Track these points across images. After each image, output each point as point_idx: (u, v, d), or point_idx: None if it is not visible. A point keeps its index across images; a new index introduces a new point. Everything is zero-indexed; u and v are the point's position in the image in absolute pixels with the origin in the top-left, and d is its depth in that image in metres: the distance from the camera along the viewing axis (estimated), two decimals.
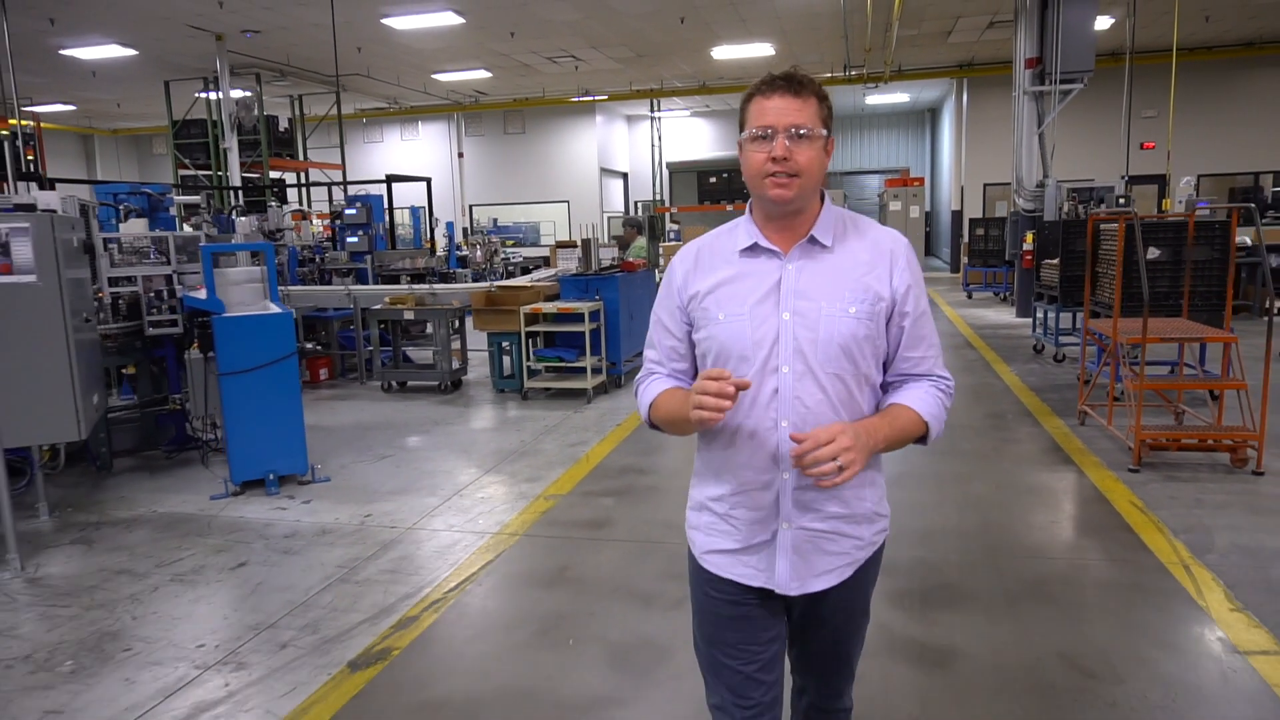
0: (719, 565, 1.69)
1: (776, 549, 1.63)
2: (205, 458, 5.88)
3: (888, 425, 1.60)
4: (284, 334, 5.14)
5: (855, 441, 1.47)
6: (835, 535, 1.64)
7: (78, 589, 3.88)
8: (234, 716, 2.82)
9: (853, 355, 1.58)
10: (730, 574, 1.68)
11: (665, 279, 1.76)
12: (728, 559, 1.68)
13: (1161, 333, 5.29)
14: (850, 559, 1.68)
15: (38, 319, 3.98)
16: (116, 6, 12.73)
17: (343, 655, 3.20)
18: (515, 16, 13.75)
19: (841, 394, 1.59)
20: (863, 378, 1.61)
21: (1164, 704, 2.73)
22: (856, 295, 1.58)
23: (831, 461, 1.44)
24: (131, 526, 4.67)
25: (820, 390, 1.57)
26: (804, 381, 1.56)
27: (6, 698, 2.98)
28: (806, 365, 1.56)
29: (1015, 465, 5.31)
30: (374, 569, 4.01)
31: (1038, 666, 2.97)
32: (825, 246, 1.61)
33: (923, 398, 1.65)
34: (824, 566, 1.65)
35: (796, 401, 1.56)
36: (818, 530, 1.63)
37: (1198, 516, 4.29)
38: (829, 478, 1.45)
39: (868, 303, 1.59)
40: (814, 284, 1.59)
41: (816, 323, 1.56)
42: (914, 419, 1.63)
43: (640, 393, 1.77)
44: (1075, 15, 11.24)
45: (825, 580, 1.66)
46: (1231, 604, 3.36)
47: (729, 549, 1.68)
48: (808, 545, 1.63)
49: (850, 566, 1.68)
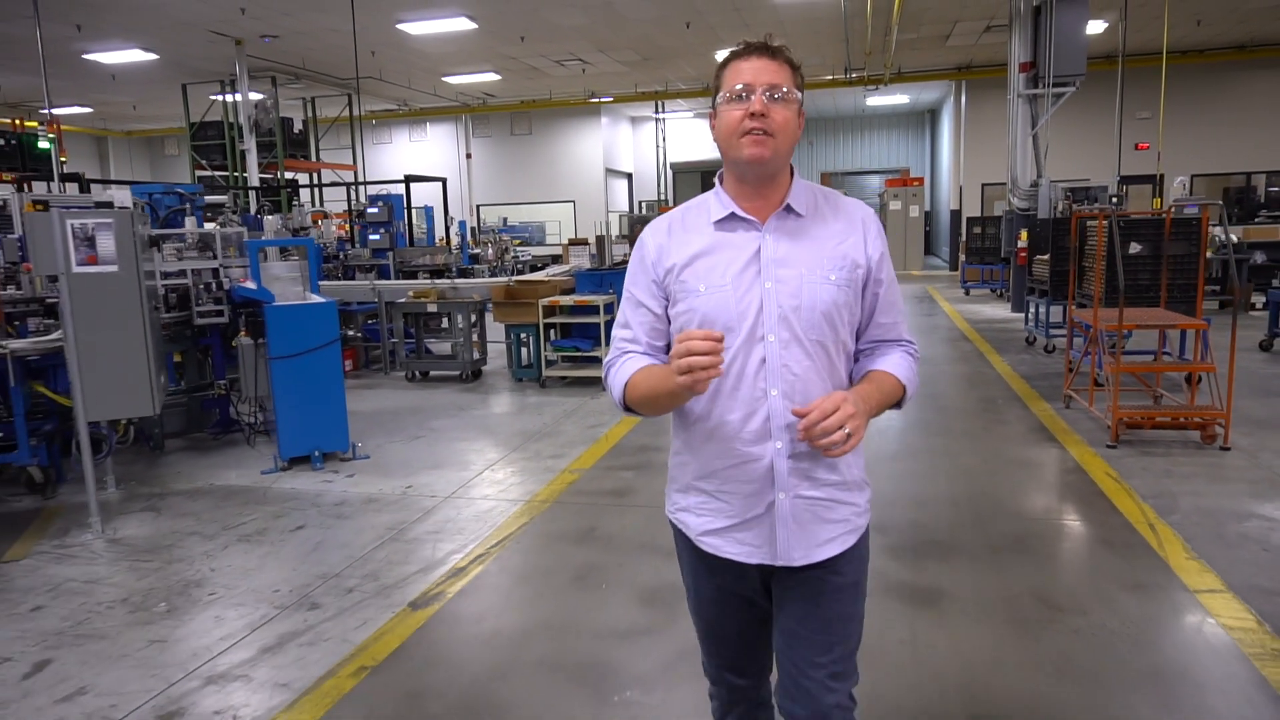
0: (715, 545, 1.68)
1: (775, 520, 1.61)
2: (251, 438, 6.32)
3: (877, 391, 1.62)
4: (329, 322, 5.59)
5: (858, 409, 1.49)
6: (833, 503, 1.64)
7: (155, 547, 4.32)
8: (316, 644, 3.26)
9: (834, 322, 1.60)
10: (727, 553, 1.66)
11: (636, 254, 1.72)
12: (723, 538, 1.67)
13: (1138, 321, 5.72)
14: (851, 525, 1.67)
15: (119, 305, 4.42)
16: (141, 12, 13.18)
17: (403, 598, 3.64)
18: (526, 21, 14.19)
19: (824, 361, 1.60)
20: (841, 344, 1.63)
21: (1120, 631, 3.16)
22: (835, 262, 1.60)
23: (840, 430, 1.46)
24: (193, 497, 5.12)
25: (807, 357, 1.58)
26: (790, 349, 1.57)
27: (115, 631, 3.42)
28: (792, 333, 1.57)
29: (1003, 443, 5.75)
30: (420, 530, 4.45)
31: (1013, 603, 3.41)
32: (800, 215, 1.62)
33: (898, 363, 1.68)
34: (826, 535, 1.64)
35: (784, 370, 1.57)
36: (815, 498, 1.63)
37: (1165, 485, 4.73)
38: (837, 446, 1.46)
39: (846, 270, 1.61)
40: (793, 252, 1.59)
41: (799, 290, 1.57)
42: (895, 384, 1.66)
43: (613, 374, 1.70)
44: (1067, 21, 11.67)
45: (830, 548, 1.64)
46: (1188, 555, 3.79)
47: (722, 526, 1.66)
48: (807, 514, 1.62)
49: (853, 534, 1.68)
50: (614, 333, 1.76)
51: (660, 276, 1.65)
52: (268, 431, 6.38)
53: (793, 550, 1.62)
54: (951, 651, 3.06)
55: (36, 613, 3.61)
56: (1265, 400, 6.57)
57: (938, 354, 9.21)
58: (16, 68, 16.65)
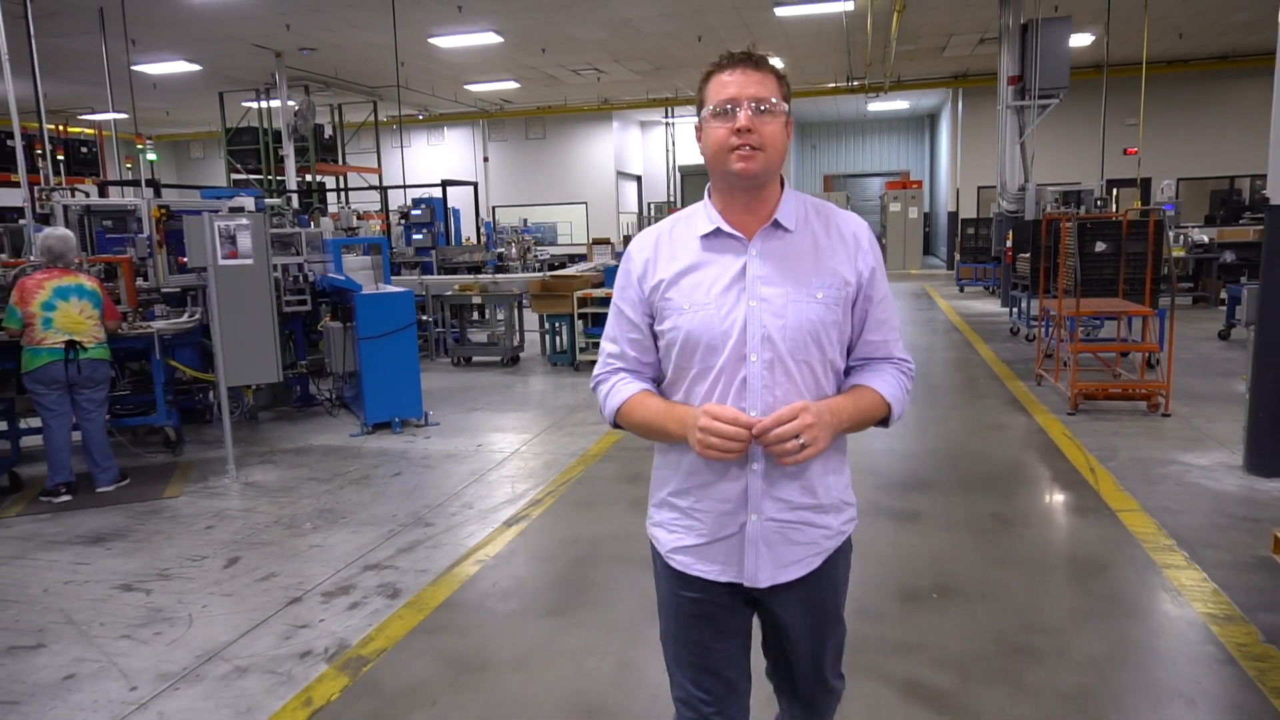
0: (684, 563, 1.67)
1: (745, 542, 1.61)
2: (333, 410, 7.32)
3: (851, 405, 1.60)
4: (408, 308, 6.58)
5: (818, 419, 1.48)
6: (802, 525, 1.63)
7: (283, 489, 5.31)
8: (438, 547, 4.25)
9: (820, 341, 1.57)
10: (696, 571, 1.65)
11: (623, 269, 1.69)
12: (693, 556, 1.65)
13: (1095, 309, 6.71)
14: (818, 549, 1.66)
15: (253, 291, 5.42)
16: (192, 28, 14.19)
17: (497, 519, 4.63)
18: (548, 36, 15.18)
19: (809, 381, 1.58)
20: (828, 364, 1.60)
21: (1055, 537, 4.15)
22: (823, 280, 1.57)
23: (794, 439, 1.45)
24: (300, 454, 6.11)
25: (789, 379, 1.55)
26: (773, 370, 1.54)
27: (279, 540, 4.41)
28: (775, 353, 1.54)
29: (981, 412, 6.73)
30: (497, 475, 5.44)
31: (975, 520, 4.39)
32: (788, 230, 1.59)
33: (886, 380, 1.65)
34: (792, 557, 1.63)
35: (765, 391, 1.54)
36: (785, 521, 1.61)
37: (1110, 441, 5.71)
38: (791, 455, 1.47)
39: (835, 288, 1.57)
40: (779, 270, 1.56)
41: (784, 309, 1.54)
42: (877, 400, 1.62)
43: (602, 391, 1.70)
44: (1051, 37, 12.64)
45: (794, 571, 1.64)
46: (1117, 488, 4.78)
47: (693, 544, 1.65)
48: (776, 536, 1.61)
49: (818, 556, 1.66)
50: (602, 344, 1.74)
51: (646, 294, 1.63)
52: (344, 405, 7.38)
53: (759, 572, 1.61)
54: (924, 550, 4.04)
55: (210, 530, 4.60)
56: (1211, 379, 7.54)
57: (931, 343, 10.19)
58: (65, 77, 17.68)
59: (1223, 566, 3.71)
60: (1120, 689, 2.81)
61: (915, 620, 3.33)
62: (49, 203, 6.36)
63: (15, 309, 4.95)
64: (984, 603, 3.47)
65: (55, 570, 4.11)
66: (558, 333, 9.42)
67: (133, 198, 6.31)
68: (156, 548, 4.36)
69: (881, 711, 2.73)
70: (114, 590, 3.85)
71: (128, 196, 11.72)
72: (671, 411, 1.59)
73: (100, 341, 5.16)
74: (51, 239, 5.08)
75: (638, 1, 13.04)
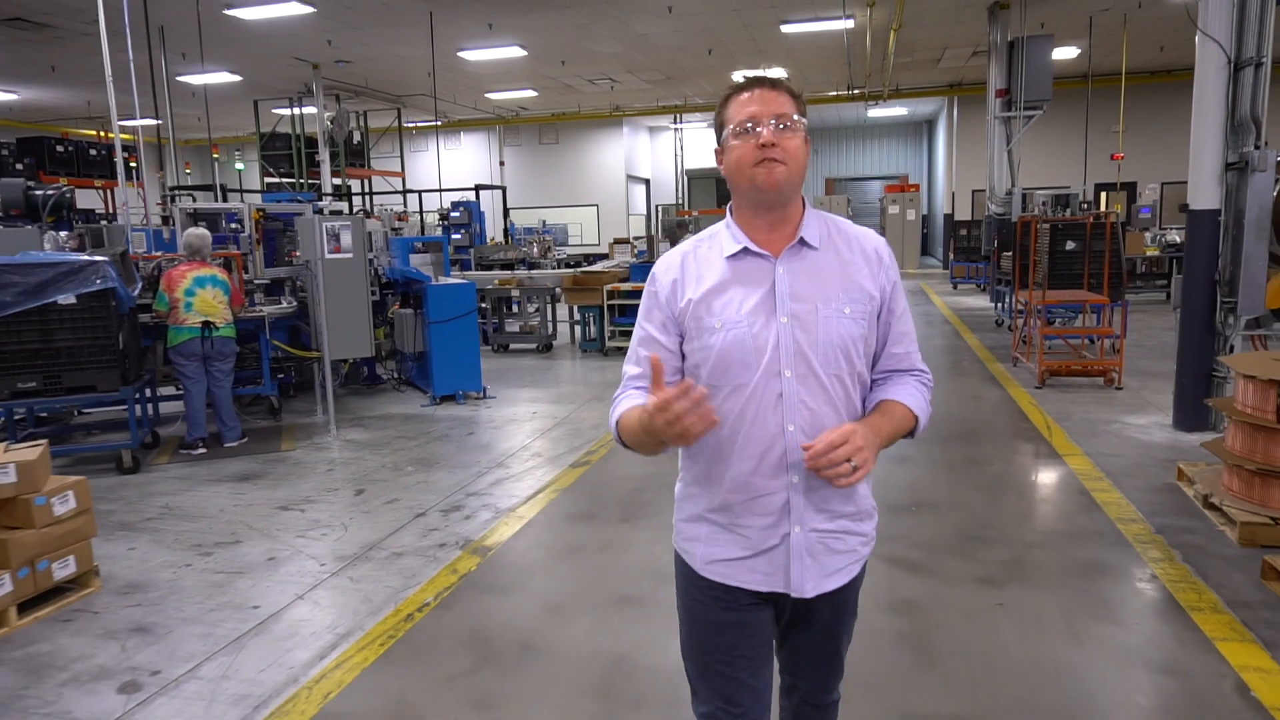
0: (723, 574, 1.68)
1: (790, 553, 1.63)
2: (399, 387, 8.41)
3: (889, 423, 1.63)
4: (470, 297, 7.66)
5: (867, 442, 1.51)
6: (843, 534, 1.67)
7: (377, 445, 6.40)
8: (521, 480, 5.33)
9: (850, 355, 1.60)
10: (736, 581, 1.67)
11: (648, 291, 1.71)
12: (733, 566, 1.67)
13: (1059, 298, 7.79)
14: (858, 556, 1.70)
15: (352, 280, 6.51)
16: (238, 43, 15.30)
17: (563, 463, 5.72)
18: (569, 50, 16.28)
19: (841, 394, 1.61)
20: (856, 376, 1.63)
21: (1013, 472, 5.23)
22: (850, 295, 1.60)
23: (847, 462, 1.48)
24: (382, 420, 7.20)
25: (823, 391, 1.59)
26: (807, 384, 1.58)
27: (390, 478, 5.50)
28: (809, 368, 1.58)
29: (963, 386, 7.81)
30: (557, 433, 6.52)
31: (950, 461, 5.47)
32: (814, 248, 1.62)
33: (911, 393, 1.69)
34: (835, 566, 1.67)
35: (801, 405, 1.58)
36: (828, 531, 1.65)
37: (1067, 407, 6.80)
38: (845, 477, 1.49)
39: (861, 303, 1.61)
40: (807, 286, 1.59)
41: (814, 325, 1.58)
42: (907, 414, 1.67)
43: (612, 412, 1.71)
44: (1036, 53, 13.71)
45: (837, 579, 1.67)
46: (1067, 440, 5.86)
47: (737, 557, 1.66)
48: (819, 546, 1.64)
49: (858, 564, 1.71)
50: (624, 368, 1.74)
51: (676, 314, 1.65)
52: (408, 382, 8.47)
53: (805, 583, 1.64)
54: (908, 481, 5.12)
55: (330, 473, 5.69)
56: (1165, 361, 8.57)
57: (924, 334, 11.28)
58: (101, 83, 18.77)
59: (1137, 490, 4.79)
60: (1043, 561, 3.90)
61: (897, 522, 4.41)
62: (172, 206, 7.44)
63: (164, 294, 6.04)
64: (951, 511, 4.55)
65: (221, 498, 5.19)
66: (588, 323, 10.50)
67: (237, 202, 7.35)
68: (294, 484, 5.45)
69: (870, 574, 3.81)
70: (275, 510, 4.94)
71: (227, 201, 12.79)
72: (640, 416, 1.54)
73: (229, 322, 6.24)
74: (192, 237, 6.17)
75: (654, 20, 14.11)
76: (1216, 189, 5.59)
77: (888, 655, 3.11)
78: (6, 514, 3.56)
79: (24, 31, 13.67)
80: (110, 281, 5.50)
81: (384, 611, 3.57)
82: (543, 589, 3.80)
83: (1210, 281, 5.69)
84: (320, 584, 3.89)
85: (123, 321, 5.68)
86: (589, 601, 3.63)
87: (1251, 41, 5.35)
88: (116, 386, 5.64)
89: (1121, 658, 3.05)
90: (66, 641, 3.40)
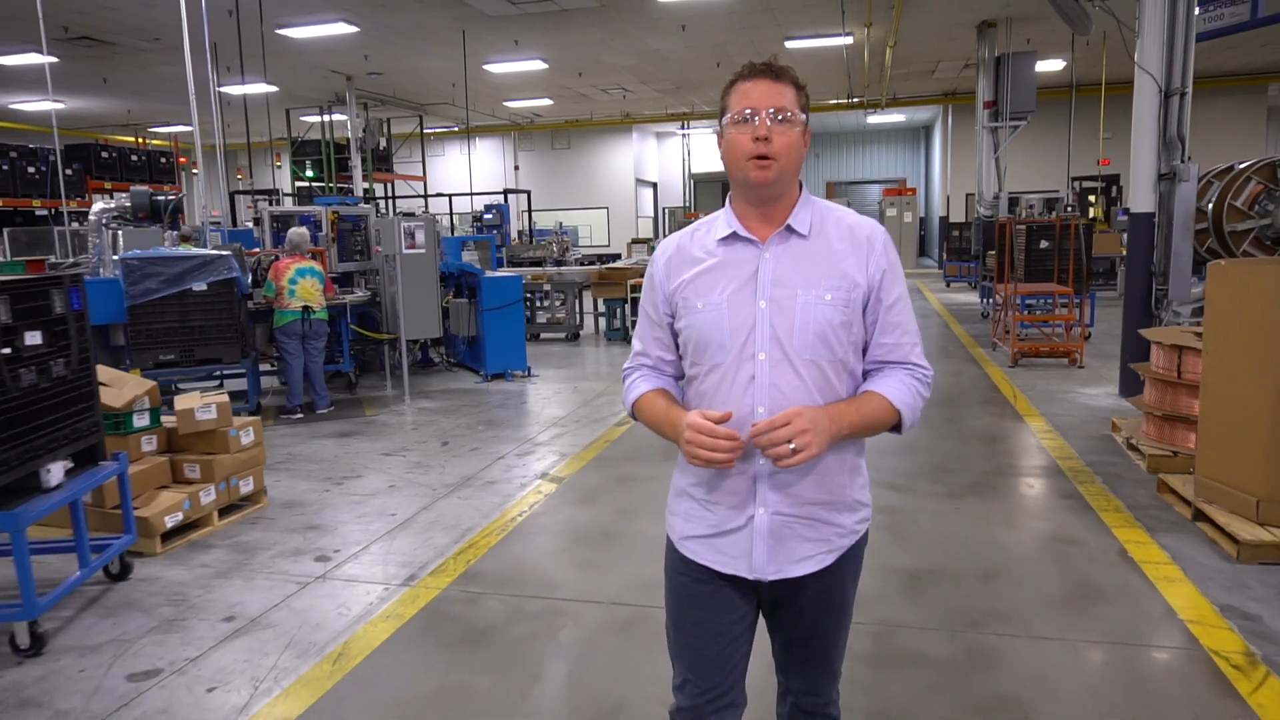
0: (694, 550, 1.73)
1: (753, 534, 1.66)
2: (451, 368, 9.56)
3: (855, 411, 1.62)
4: (517, 288, 8.81)
5: (813, 425, 1.51)
6: (814, 521, 1.67)
7: (447, 411, 7.54)
8: (575, 436, 6.47)
9: (829, 342, 1.61)
10: (705, 559, 1.72)
11: (649, 272, 1.78)
12: (702, 544, 1.72)
13: (1030, 290, 8.93)
14: (830, 546, 1.70)
15: (425, 272, 7.66)
16: (281, 57, 16.44)
17: (608, 424, 6.86)
18: (586, 63, 17.44)
19: (819, 380, 1.62)
20: (840, 364, 1.64)
21: (983, 429, 6.38)
22: (832, 282, 1.62)
23: (786, 444, 1.49)
24: (445, 393, 8.35)
25: (797, 376, 1.60)
26: (780, 368, 1.60)
27: (466, 435, 6.65)
28: (783, 352, 1.60)
29: (947, 365, 8.95)
30: (597, 402, 7.66)
31: (931, 420, 6.61)
32: (803, 235, 1.64)
33: (896, 386, 1.67)
34: (803, 553, 1.68)
35: (773, 388, 1.60)
36: (793, 515, 1.66)
37: (1033, 381, 7.94)
38: (785, 459, 1.50)
39: (844, 289, 1.62)
40: (791, 272, 1.62)
41: (793, 310, 1.60)
42: (885, 406, 1.65)
43: (627, 384, 1.82)
44: (1020, 68, 14.87)
45: (804, 566, 1.68)
46: (1028, 405, 7.00)
47: (704, 534, 1.72)
48: (785, 530, 1.66)
49: (831, 554, 1.70)
50: (633, 342, 1.86)
51: (669, 294, 1.72)
52: (459, 364, 9.62)
53: (766, 565, 1.66)
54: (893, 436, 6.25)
55: (415, 430, 6.83)
56: None
57: (919, 325, 12.43)
58: (152, 95, 19.97)
59: (1078, 439, 5.94)
60: (994, 483, 5.04)
61: (882, 462, 5.55)
62: (257, 210, 8.59)
63: (271, 283, 7.18)
64: (928, 453, 5.70)
65: (331, 449, 6.34)
66: (613, 314, 11.65)
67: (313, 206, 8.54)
68: (388, 438, 6.60)
69: None
70: (380, 455, 6.09)
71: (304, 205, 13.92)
72: (669, 415, 1.67)
73: (323, 307, 7.38)
74: (294, 236, 7.32)
75: (668, 36, 15.27)
76: (1151, 195, 6.73)
77: (873, 538, 4.24)
78: (208, 443, 4.70)
79: (88, 48, 14.82)
80: (234, 272, 6.66)
81: (493, 516, 4.73)
82: (611, 501, 4.95)
83: (1148, 273, 6.83)
84: (436, 501, 5.03)
85: (242, 305, 6.83)
86: (647, 508, 4.78)
87: (1178, 75, 6.50)
88: (238, 358, 6.80)
89: (1040, 536, 4.20)
90: (260, 535, 4.55)
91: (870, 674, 2.99)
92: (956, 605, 3.49)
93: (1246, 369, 3.90)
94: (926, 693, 2.87)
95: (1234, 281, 4.00)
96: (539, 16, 13.35)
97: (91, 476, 3.70)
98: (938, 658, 3.09)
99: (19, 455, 3.26)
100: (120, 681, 3.07)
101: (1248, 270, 4.01)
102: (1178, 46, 6.44)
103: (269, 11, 12.69)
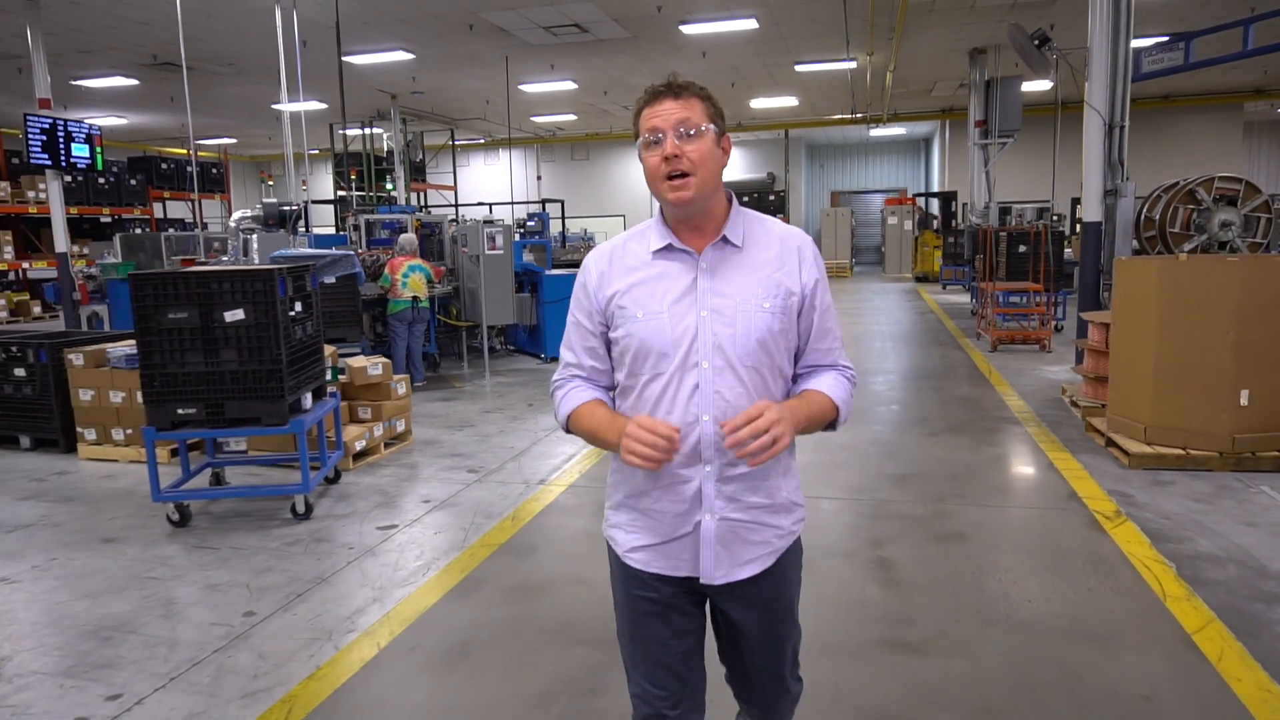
0: (642, 561, 1.75)
1: (701, 540, 1.70)
2: (512, 352, 11.17)
3: (805, 406, 1.69)
4: (572, 283, 10.39)
5: (782, 415, 1.56)
6: (756, 525, 1.73)
7: (520, 384, 9.11)
8: None
9: (769, 348, 1.66)
10: (653, 568, 1.74)
11: (579, 281, 1.78)
12: (650, 554, 1.74)
13: (1008, 287, 10.51)
14: (772, 548, 1.76)
15: (501, 270, 9.26)
16: (336, 79, 18.07)
17: None
18: (612, 83, 19.07)
19: (759, 386, 1.67)
20: (777, 370, 1.70)
21: (965, 396, 7.95)
22: (769, 291, 1.66)
23: (766, 435, 1.52)
24: (513, 371, 9.93)
25: (740, 383, 1.64)
26: (723, 376, 1.64)
27: (544, 401, 8.23)
28: (726, 360, 1.64)
29: (935, 350, 10.52)
30: None
31: (921, 388, 8.18)
32: (736, 246, 1.69)
33: (833, 384, 1.76)
34: (747, 555, 1.73)
35: (717, 396, 1.63)
36: (739, 520, 1.71)
37: (1007, 363, 9.52)
38: (764, 452, 1.52)
39: (780, 298, 1.67)
40: (728, 282, 1.66)
41: (734, 318, 1.64)
42: (826, 403, 1.73)
43: (560, 398, 1.80)
44: (1008, 89, 16.43)
45: (749, 569, 1.74)
46: (1000, 378, 8.57)
47: (651, 544, 1.74)
48: (730, 535, 1.71)
49: (772, 555, 1.76)
50: (560, 351, 1.85)
51: (602, 305, 1.73)
52: (518, 350, 11.20)
53: (715, 570, 1.71)
54: (889, 395, 7.83)
55: (501, 397, 8.41)
56: None
57: (913, 320, 14.02)
58: (209, 112, 21.65)
59: (1036, 400, 7.52)
60: (966, 427, 6.62)
61: (879, 413, 7.12)
62: (351, 218, 10.21)
63: (388, 276, 8.77)
64: (914, 409, 7.28)
65: (440, 408, 7.92)
66: None
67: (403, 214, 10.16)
68: (482, 401, 8.18)
69: (861, 426, 6.52)
70: (483, 412, 7.67)
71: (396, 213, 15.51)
72: (613, 422, 1.68)
73: (428, 298, 8.98)
74: (405, 240, 8.94)
75: (690, 61, 16.89)
76: (1099, 208, 8.30)
77: (871, 456, 5.83)
78: (375, 392, 6.29)
79: (168, 73, 16.48)
80: (356, 268, 8.25)
81: (586, 449, 6.31)
82: None
83: (1096, 271, 8.40)
84: (540, 440, 6.62)
85: (358, 295, 8.43)
86: None
87: (1119, 111, 8.09)
88: (358, 338, 8.40)
89: (993, 456, 5.78)
90: (418, 459, 6.14)
91: (870, 524, 4.57)
92: (928, 491, 5.07)
93: (1137, 336, 5.48)
94: (906, 530, 4.45)
95: (1128, 272, 5.58)
96: (575, 45, 14.98)
97: (322, 407, 5.29)
98: (914, 515, 4.67)
99: (295, 385, 4.86)
100: (373, 530, 4.66)
101: (1136, 264, 5.59)
102: (1119, 89, 8.03)
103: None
